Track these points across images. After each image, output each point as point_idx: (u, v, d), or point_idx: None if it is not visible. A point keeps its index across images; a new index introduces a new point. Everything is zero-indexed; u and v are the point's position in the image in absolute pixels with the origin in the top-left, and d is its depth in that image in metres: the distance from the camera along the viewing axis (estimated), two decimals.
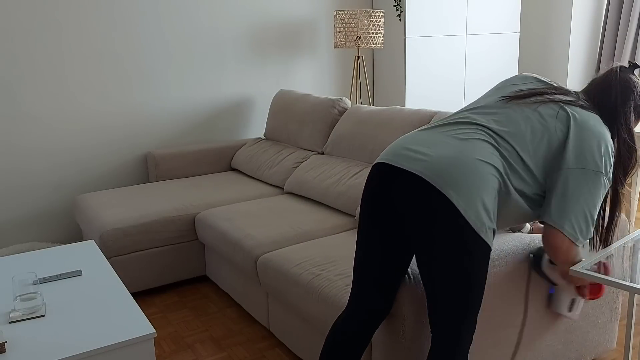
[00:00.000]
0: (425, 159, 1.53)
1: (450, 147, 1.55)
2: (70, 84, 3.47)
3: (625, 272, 1.59)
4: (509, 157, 1.56)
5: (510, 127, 1.60)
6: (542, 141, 1.59)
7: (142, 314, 1.82)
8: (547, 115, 1.62)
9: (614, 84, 1.77)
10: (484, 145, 1.56)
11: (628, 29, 4.69)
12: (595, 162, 1.57)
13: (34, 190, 3.47)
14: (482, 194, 1.49)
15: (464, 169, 1.50)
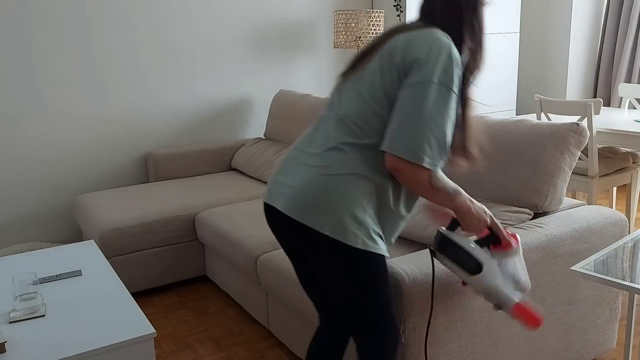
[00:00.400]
0: (286, 191, 1.50)
1: (305, 172, 1.48)
2: (70, 84, 3.47)
3: (625, 272, 1.59)
4: (364, 146, 1.47)
5: (346, 116, 1.50)
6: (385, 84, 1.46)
7: (142, 314, 1.82)
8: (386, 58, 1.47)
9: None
10: (339, 155, 1.46)
11: (628, 29, 4.69)
12: (429, 73, 1.41)
13: (34, 190, 3.46)
14: (349, 207, 1.42)
15: (320, 193, 1.44)
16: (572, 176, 3.27)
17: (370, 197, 1.46)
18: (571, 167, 2.22)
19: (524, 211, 2.18)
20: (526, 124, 2.30)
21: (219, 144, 3.85)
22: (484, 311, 1.85)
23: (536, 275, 1.97)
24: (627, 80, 4.73)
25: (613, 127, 3.36)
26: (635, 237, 1.83)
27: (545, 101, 3.39)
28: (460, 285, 1.73)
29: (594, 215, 2.17)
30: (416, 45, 1.45)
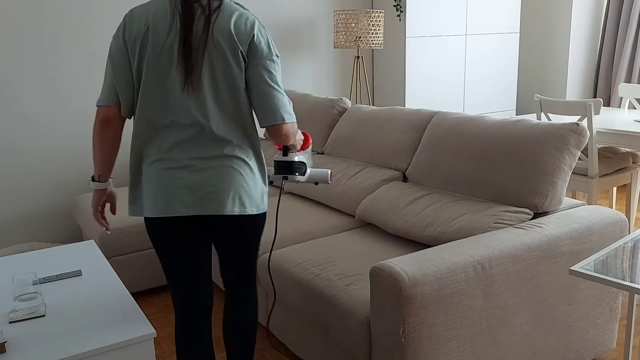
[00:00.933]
0: (188, 200, 1.66)
1: (225, 178, 1.69)
2: (69, 84, 3.47)
3: (625, 272, 1.59)
4: (254, 137, 1.80)
5: (229, 90, 1.67)
6: (237, 70, 1.65)
7: (142, 314, 1.82)
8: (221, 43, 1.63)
9: None
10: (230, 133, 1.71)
11: (628, 29, 4.69)
12: (266, 52, 1.65)
13: (34, 190, 3.47)
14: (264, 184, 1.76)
15: (249, 188, 1.71)
16: (572, 176, 3.27)
17: (251, 169, 1.79)
18: (571, 167, 2.22)
19: (524, 211, 2.18)
20: (526, 124, 2.30)
21: None
22: (484, 311, 1.85)
23: (536, 275, 1.97)
24: (627, 80, 4.73)
25: (613, 127, 3.36)
26: (635, 237, 1.83)
27: (545, 101, 3.39)
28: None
29: (594, 215, 2.17)
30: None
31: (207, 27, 1.61)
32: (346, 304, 1.92)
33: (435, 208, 2.34)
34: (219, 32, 1.62)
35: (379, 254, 2.29)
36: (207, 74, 1.63)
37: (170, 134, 1.67)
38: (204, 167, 1.67)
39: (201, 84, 1.63)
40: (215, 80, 1.65)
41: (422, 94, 4.38)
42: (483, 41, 4.60)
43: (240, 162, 1.72)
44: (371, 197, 2.65)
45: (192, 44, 1.61)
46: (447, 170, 2.47)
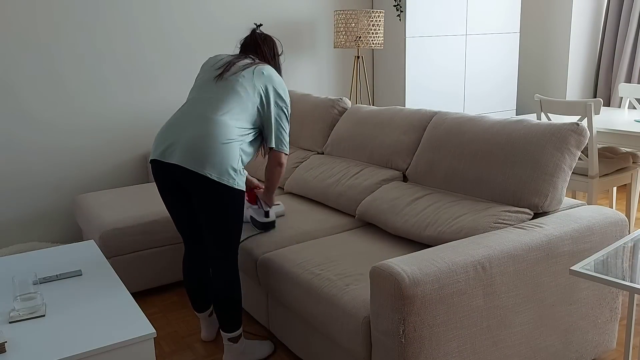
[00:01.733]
0: (180, 154, 2.13)
1: (198, 140, 2.13)
2: (70, 84, 3.47)
3: (625, 272, 1.59)
4: (238, 127, 2.20)
5: (225, 102, 2.22)
6: (249, 98, 2.25)
7: (142, 314, 1.82)
8: (248, 78, 2.27)
9: (258, 41, 2.44)
10: (231, 120, 2.20)
11: (628, 29, 4.69)
12: (283, 100, 2.31)
13: (34, 190, 3.47)
14: (230, 163, 2.13)
15: (212, 152, 2.11)
16: (572, 176, 3.27)
17: (240, 156, 2.22)
18: (571, 167, 2.22)
19: (524, 211, 2.18)
20: (526, 124, 2.30)
21: None
22: (484, 311, 1.85)
23: (536, 275, 1.97)
24: (627, 80, 4.73)
25: (613, 127, 3.36)
26: (635, 237, 1.83)
27: (545, 101, 3.39)
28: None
29: (594, 215, 2.17)
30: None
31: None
32: (346, 304, 1.92)
33: (436, 208, 2.34)
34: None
35: (379, 254, 2.29)
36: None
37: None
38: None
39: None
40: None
41: (422, 94, 4.38)
42: (483, 41, 4.60)
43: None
44: (371, 197, 2.65)
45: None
46: (447, 170, 2.47)
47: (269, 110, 2.28)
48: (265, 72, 2.29)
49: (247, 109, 2.24)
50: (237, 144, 2.17)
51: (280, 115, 2.30)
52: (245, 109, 2.23)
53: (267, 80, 2.27)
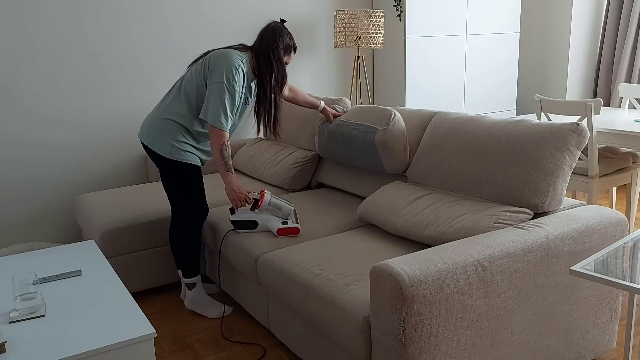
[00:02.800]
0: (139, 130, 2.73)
1: (149, 116, 2.69)
2: (70, 84, 3.47)
3: (625, 272, 1.59)
4: (183, 107, 2.59)
5: (178, 87, 2.64)
6: (196, 80, 2.57)
7: (142, 314, 1.82)
8: (201, 63, 2.60)
9: (265, 32, 2.64)
10: (172, 104, 2.62)
11: (628, 29, 4.69)
12: (219, 76, 2.49)
13: (34, 190, 3.47)
14: (164, 136, 2.59)
15: (150, 127, 2.64)
16: (572, 176, 3.27)
17: (186, 132, 2.65)
18: (571, 167, 2.22)
19: (524, 211, 2.18)
20: (526, 124, 2.30)
21: None
22: (484, 311, 1.85)
23: (536, 275, 1.97)
24: (627, 80, 4.73)
25: (613, 127, 3.36)
26: (635, 237, 1.83)
27: (545, 101, 3.39)
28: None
29: (594, 215, 2.17)
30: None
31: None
32: (346, 304, 1.92)
33: (436, 208, 2.34)
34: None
35: (379, 254, 2.29)
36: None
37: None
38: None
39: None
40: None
41: (422, 94, 4.38)
42: (483, 41, 4.60)
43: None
44: (371, 198, 2.65)
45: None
46: (447, 170, 2.47)
47: (207, 87, 2.53)
48: (215, 54, 2.55)
49: (194, 92, 2.58)
50: (175, 121, 2.59)
51: (214, 90, 2.49)
52: (192, 91, 2.58)
53: (212, 62, 2.54)
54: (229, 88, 2.50)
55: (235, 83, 2.51)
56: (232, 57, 2.53)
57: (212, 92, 2.50)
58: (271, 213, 2.64)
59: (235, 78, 2.51)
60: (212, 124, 2.51)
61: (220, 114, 2.49)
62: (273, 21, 2.68)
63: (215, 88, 2.49)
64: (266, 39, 2.62)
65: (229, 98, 2.50)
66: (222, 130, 2.52)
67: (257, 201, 2.62)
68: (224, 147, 2.56)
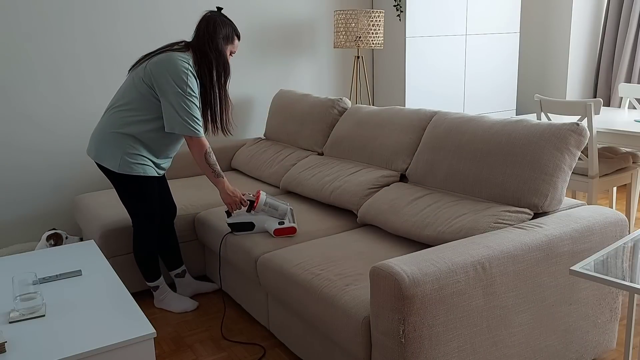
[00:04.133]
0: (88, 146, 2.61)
1: (95, 130, 2.57)
2: (70, 84, 3.47)
3: (625, 272, 1.59)
4: (129, 117, 2.47)
5: (121, 97, 2.51)
6: (138, 88, 2.46)
7: (142, 314, 1.82)
8: (142, 67, 2.49)
9: (200, 26, 2.54)
10: (116, 115, 2.51)
11: (628, 29, 4.69)
12: (171, 86, 2.38)
13: (34, 190, 3.47)
14: (123, 149, 2.47)
15: (103, 143, 2.50)
16: (572, 176, 3.27)
17: (134, 144, 2.53)
18: (571, 167, 2.22)
19: (524, 211, 2.18)
20: (526, 124, 2.30)
21: (219, 144, 3.85)
22: (484, 311, 1.85)
23: (536, 275, 1.97)
24: (627, 80, 4.73)
25: (613, 127, 3.36)
26: (635, 237, 1.83)
27: (545, 101, 3.39)
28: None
29: (594, 215, 2.17)
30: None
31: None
32: (346, 304, 1.92)
33: (436, 208, 2.34)
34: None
35: (379, 254, 2.29)
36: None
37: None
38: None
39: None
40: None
41: (422, 94, 4.38)
42: (483, 41, 4.60)
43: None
44: (371, 200, 2.65)
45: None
46: (447, 170, 2.47)
47: (162, 99, 2.43)
48: (156, 62, 2.44)
49: (138, 100, 2.47)
50: (122, 132, 2.48)
51: (172, 101, 2.39)
52: (136, 99, 2.47)
53: (156, 71, 2.42)
54: (186, 95, 2.41)
55: (190, 87, 2.42)
56: (177, 61, 2.41)
57: (172, 104, 2.39)
58: (267, 214, 2.63)
59: (188, 82, 2.41)
60: (186, 135, 2.44)
61: (189, 122, 2.42)
62: (209, 11, 2.57)
63: (173, 99, 2.39)
64: (202, 32, 2.51)
65: (192, 103, 2.42)
66: (199, 138, 2.46)
67: (253, 203, 2.62)
68: (208, 155, 2.52)
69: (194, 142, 2.47)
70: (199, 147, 2.48)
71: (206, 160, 2.52)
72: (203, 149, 2.49)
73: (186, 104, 2.40)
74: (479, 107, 4.70)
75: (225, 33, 2.53)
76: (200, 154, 2.50)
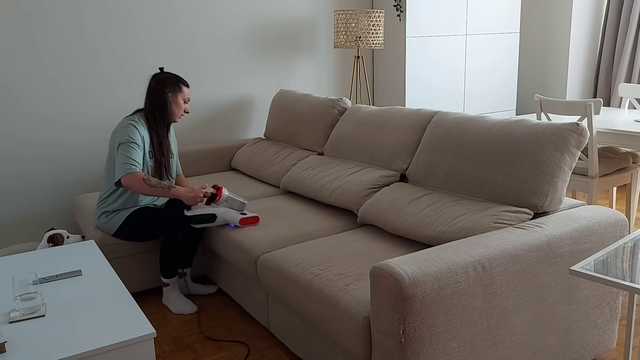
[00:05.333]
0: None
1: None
2: (70, 84, 3.47)
3: (625, 272, 1.59)
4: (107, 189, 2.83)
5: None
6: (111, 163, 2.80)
7: (142, 314, 1.82)
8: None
9: (150, 86, 2.85)
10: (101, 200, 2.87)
11: (628, 29, 4.69)
12: (116, 141, 2.72)
13: (34, 190, 3.47)
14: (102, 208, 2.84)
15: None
16: (572, 176, 3.27)
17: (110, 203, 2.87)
18: (571, 167, 2.22)
19: (524, 211, 2.18)
20: (526, 124, 2.30)
21: (219, 144, 3.85)
22: (484, 311, 1.85)
23: (536, 275, 1.97)
24: (627, 80, 4.73)
25: (613, 127, 3.36)
26: (635, 237, 1.83)
27: (545, 101, 3.39)
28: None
29: (594, 215, 2.17)
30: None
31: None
32: (346, 304, 1.92)
33: (436, 208, 2.34)
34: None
35: (379, 254, 2.29)
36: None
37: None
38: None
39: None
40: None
41: (422, 94, 4.38)
42: (483, 41, 4.60)
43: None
44: (372, 199, 2.65)
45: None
46: (447, 171, 2.47)
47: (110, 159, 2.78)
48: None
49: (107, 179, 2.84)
50: (105, 203, 2.83)
51: (117, 153, 2.69)
52: (107, 179, 2.84)
53: (111, 141, 2.80)
54: (127, 141, 2.68)
55: (131, 134, 2.69)
56: (122, 122, 2.77)
57: (117, 155, 2.69)
58: (227, 206, 2.73)
59: (128, 131, 2.70)
60: (122, 174, 2.65)
61: (124, 163, 2.65)
62: (160, 69, 2.90)
63: (118, 150, 2.69)
64: (152, 94, 2.82)
65: (130, 147, 2.67)
66: (132, 173, 2.65)
67: (215, 195, 2.72)
68: (146, 181, 2.66)
69: (127, 178, 2.65)
70: (134, 179, 2.65)
71: (148, 185, 2.66)
72: (137, 177, 2.65)
73: (125, 149, 2.68)
74: (479, 107, 4.70)
75: (166, 86, 2.82)
76: (140, 184, 2.65)
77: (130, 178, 2.65)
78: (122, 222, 2.78)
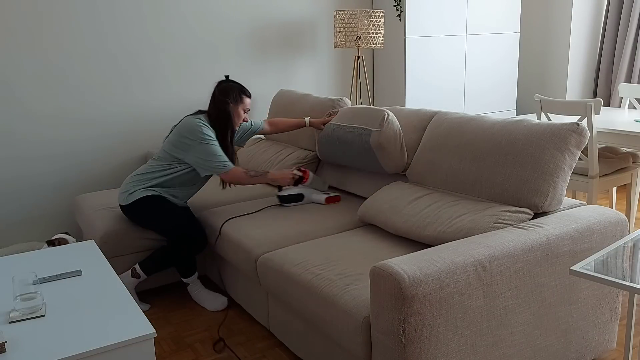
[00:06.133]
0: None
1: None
2: (70, 84, 3.47)
3: (625, 272, 1.59)
4: (160, 170, 2.84)
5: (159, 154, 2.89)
6: (165, 149, 2.84)
7: (142, 314, 1.82)
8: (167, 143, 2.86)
9: (214, 94, 2.89)
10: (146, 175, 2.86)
11: (628, 29, 4.69)
12: (190, 140, 2.73)
13: (34, 190, 3.47)
14: (128, 189, 2.83)
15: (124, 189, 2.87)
16: (572, 176, 3.27)
17: (153, 183, 2.88)
18: (571, 167, 2.22)
19: (524, 211, 2.18)
20: (526, 124, 2.30)
21: None
22: (485, 311, 1.85)
23: (536, 275, 1.97)
24: (627, 80, 4.73)
25: (613, 127, 3.36)
26: (635, 237, 1.83)
27: (545, 101, 3.39)
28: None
29: (594, 215, 2.17)
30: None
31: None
32: (346, 304, 1.92)
33: (436, 208, 2.34)
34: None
35: (379, 254, 2.29)
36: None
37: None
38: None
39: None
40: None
41: (422, 94, 4.38)
42: (483, 41, 4.60)
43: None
44: (372, 198, 2.65)
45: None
46: (447, 170, 2.47)
47: (187, 156, 2.76)
48: (175, 130, 2.83)
49: (163, 157, 2.84)
50: (142, 178, 2.83)
51: (195, 151, 2.71)
52: (161, 158, 2.85)
53: (176, 138, 2.79)
54: (204, 140, 2.71)
55: (207, 132, 2.74)
56: (190, 120, 2.78)
57: (195, 153, 2.72)
58: (312, 187, 2.99)
59: (203, 130, 2.73)
60: (220, 171, 2.72)
61: (216, 160, 2.71)
62: (226, 77, 2.97)
63: (197, 148, 2.71)
64: (218, 98, 2.85)
65: (213, 146, 2.72)
66: (230, 169, 2.73)
67: (302, 178, 2.93)
68: (248, 172, 2.77)
69: (228, 175, 2.75)
70: (235, 175, 2.75)
71: (249, 177, 2.78)
72: (238, 173, 2.75)
73: (206, 147, 2.72)
74: (479, 107, 4.70)
75: (229, 97, 2.84)
76: (241, 178, 2.76)
77: (233, 174, 2.74)
78: (143, 196, 2.78)
